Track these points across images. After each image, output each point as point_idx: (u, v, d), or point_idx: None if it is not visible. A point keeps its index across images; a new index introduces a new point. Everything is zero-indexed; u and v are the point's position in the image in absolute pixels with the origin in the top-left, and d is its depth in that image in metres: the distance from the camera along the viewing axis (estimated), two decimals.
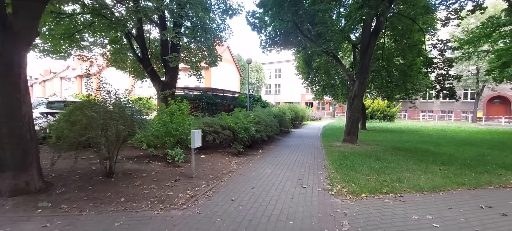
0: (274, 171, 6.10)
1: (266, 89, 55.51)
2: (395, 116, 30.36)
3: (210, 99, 13.01)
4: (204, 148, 8.70)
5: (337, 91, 19.64)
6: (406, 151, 9.26)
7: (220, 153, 8.23)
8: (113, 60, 14.18)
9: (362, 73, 10.61)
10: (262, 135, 9.16)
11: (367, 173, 5.92)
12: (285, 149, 9.65)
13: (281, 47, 14.09)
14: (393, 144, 11.17)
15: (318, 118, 33.55)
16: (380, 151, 9.28)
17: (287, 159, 7.66)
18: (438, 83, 12.24)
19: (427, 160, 7.55)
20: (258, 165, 6.81)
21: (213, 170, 6.09)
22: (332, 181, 5.25)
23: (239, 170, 6.13)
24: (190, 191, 4.43)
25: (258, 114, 9.67)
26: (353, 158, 7.66)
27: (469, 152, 9.35)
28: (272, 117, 11.96)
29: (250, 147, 9.37)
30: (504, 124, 32.27)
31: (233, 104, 14.97)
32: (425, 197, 4.44)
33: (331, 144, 11.03)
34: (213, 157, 7.61)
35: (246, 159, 7.52)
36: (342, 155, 8.21)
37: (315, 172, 6.15)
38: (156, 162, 6.64)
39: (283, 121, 14.73)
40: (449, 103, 40.06)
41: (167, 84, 10.64)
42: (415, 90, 17.56)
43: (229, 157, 7.80)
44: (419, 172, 6.13)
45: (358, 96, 10.83)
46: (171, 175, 5.48)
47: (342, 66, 12.19)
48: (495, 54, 15.03)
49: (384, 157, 8.00)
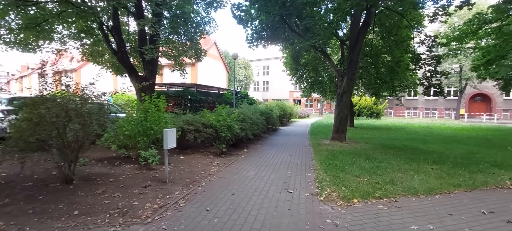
0: (259, 173, 5.60)
1: (254, 86, 54.97)
2: (382, 113, 30.59)
3: (193, 96, 12.33)
4: (185, 148, 8.10)
5: (325, 88, 19.37)
6: (395, 149, 8.99)
7: (202, 153, 7.65)
8: (89, 54, 13.25)
9: (351, 69, 10.26)
10: (247, 134, 8.64)
11: (358, 174, 5.51)
12: (272, 148, 9.18)
13: (268, 42, 13.55)
14: (382, 142, 10.92)
15: (306, 115, 33.39)
16: (370, 149, 8.96)
17: (273, 159, 7.18)
18: (426, 79, 12.09)
19: (418, 159, 7.26)
20: (242, 166, 6.28)
21: (191, 172, 5.52)
22: (321, 184, 4.80)
23: (220, 173, 5.58)
24: (160, 200, 3.85)
25: (243, 112, 9.14)
26: (342, 158, 7.27)
27: (458, 150, 9.19)
28: (258, 114, 11.46)
29: (234, 146, 8.84)
30: (485, 120, 33.23)
31: (219, 101, 14.34)
32: (421, 202, 4.05)
33: (319, 142, 10.65)
34: (194, 158, 7.02)
35: (229, 160, 6.98)
36: (330, 154, 7.82)
37: (303, 173, 5.69)
38: (128, 164, 5.99)
39: (270, 118, 14.26)
40: (433, 100, 40.93)
41: (146, 79, 9.89)
42: (402, 87, 17.55)
43: (211, 157, 7.24)
44: (411, 172, 5.79)
45: (347, 93, 10.49)
46: (142, 179, 4.86)
47: (330, 62, 11.82)
48: (481, 51, 15.14)
49: (374, 155, 7.67)
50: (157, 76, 15.76)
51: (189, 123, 7.47)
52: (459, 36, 12.25)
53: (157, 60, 10.35)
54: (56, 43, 11.88)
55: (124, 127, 5.79)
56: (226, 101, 15.43)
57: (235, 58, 14.74)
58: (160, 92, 13.30)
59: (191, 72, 34.35)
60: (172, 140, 4.73)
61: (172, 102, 11.82)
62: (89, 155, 6.71)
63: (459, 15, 22.78)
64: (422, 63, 12.14)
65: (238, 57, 48.81)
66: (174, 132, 4.84)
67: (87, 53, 13.20)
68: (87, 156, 6.39)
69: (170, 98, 11.81)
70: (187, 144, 8.08)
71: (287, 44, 15.32)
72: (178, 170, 5.71)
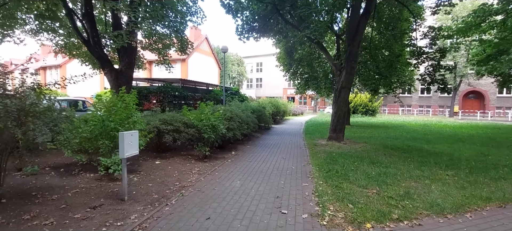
0: (245, 184, 4.62)
1: (248, 83, 53.88)
2: (377, 111, 29.97)
3: (177, 91, 11.20)
4: (164, 151, 7.07)
5: (320, 85, 18.49)
6: (399, 151, 8.14)
7: (182, 157, 6.63)
8: (63, 45, 12.01)
9: (349, 62, 9.35)
10: (236, 134, 7.65)
11: (365, 183, 4.60)
12: (263, 150, 8.21)
13: (260, 35, 12.54)
14: (382, 142, 10.08)
15: (300, 113, 32.55)
16: (371, 150, 8.09)
17: (264, 164, 6.21)
18: (428, 74, 11.31)
19: (428, 162, 6.41)
20: (226, 173, 5.29)
21: (163, 183, 4.50)
22: (322, 199, 3.86)
23: (198, 184, 4.58)
24: (107, 229, 2.84)
25: (231, 109, 8.13)
26: (343, 161, 6.35)
27: (466, 151, 8.40)
28: (249, 112, 10.48)
29: (221, 148, 7.85)
30: (479, 118, 33.02)
31: (207, 98, 13.29)
32: (452, 226, 3.14)
33: (315, 142, 9.75)
34: (171, 163, 6.00)
35: (212, 165, 5.98)
36: (329, 157, 6.90)
37: (299, 183, 4.74)
38: (88, 173, 4.93)
39: (263, 116, 13.30)
40: (426, 98, 40.73)
41: (122, 73, 8.78)
42: (400, 84, 16.81)
43: (192, 162, 6.22)
44: (426, 180, 4.92)
45: (345, 88, 9.59)
46: (95, 196, 3.83)
47: (327, 54, 10.90)
48: (483, 46, 14.48)
49: (378, 158, 6.78)
50: (142, 71, 14.53)
51: (167, 122, 6.43)
52: (464, 28, 11.48)
53: (135, 52, 9.23)
54: (25, 34, 10.68)
55: (80, 128, 4.73)
56: (215, 98, 14.39)
57: (224, 51, 13.68)
58: (141, 88, 12.23)
59: (181, 68, 33.08)
60: (132, 145, 3.70)
61: (154, 99, 10.70)
62: (46, 160, 5.65)
63: (462, 6, 22.12)
64: (425, 57, 11.34)
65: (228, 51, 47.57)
66: (135, 135, 3.81)
67: (61, 45, 12.00)
68: (42, 162, 5.33)
69: (152, 95, 10.69)
70: (166, 146, 7.05)
71: (281, 38, 14.36)
72: (147, 180, 4.68)
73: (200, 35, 37.13)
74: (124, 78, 8.76)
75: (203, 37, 36.96)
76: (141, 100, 10.71)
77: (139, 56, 13.44)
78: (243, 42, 12.40)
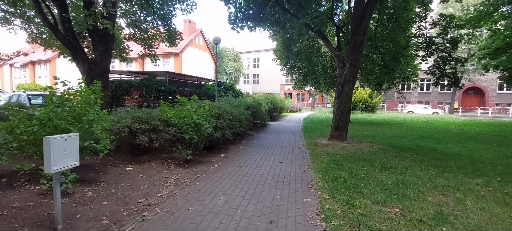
0: (231, 200, 3.63)
1: (245, 79, 52.73)
2: (377, 107, 29.08)
3: (163, 85, 10.09)
4: (141, 153, 6.06)
5: (319, 80, 17.49)
6: (410, 152, 7.20)
7: (161, 162, 5.61)
8: (37, 35, 10.88)
9: (354, 53, 8.36)
10: (225, 133, 6.64)
11: (382, 198, 3.63)
12: (258, 151, 7.22)
13: (254, 24, 11.46)
14: (389, 141, 9.15)
15: (298, 109, 31.61)
16: (379, 152, 7.14)
17: (257, 170, 5.22)
18: (437, 68, 10.36)
19: (449, 167, 5.48)
20: (209, 184, 4.30)
21: (123, 201, 3.50)
22: (330, 223, 2.89)
23: (170, 200, 3.58)
24: None
25: (220, 105, 7.09)
26: (350, 166, 5.39)
27: (485, 152, 7.50)
28: (243, 109, 9.48)
29: (209, 148, 6.84)
30: (479, 114, 32.40)
31: (198, 93, 12.25)
32: None
33: (315, 142, 8.79)
34: (145, 170, 4.99)
35: (195, 172, 4.98)
36: (333, 160, 5.93)
37: (299, 197, 3.76)
38: (33, 186, 3.90)
39: (258, 113, 12.31)
40: (426, 94, 40.08)
41: (96, 64, 7.70)
42: (403, 79, 15.87)
43: (171, 168, 5.22)
44: (456, 192, 3.97)
45: (349, 82, 8.61)
46: (22, 221, 2.82)
47: (328, 45, 9.89)
48: (492, 38, 13.58)
49: (390, 162, 5.83)
50: (135, 66, 13.44)
51: (141, 121, 5.40)
52: (477, 17, 10.53)
53: (112, 39, 8.13)
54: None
55: (19, 128, 3.69)
56: (207, 94, 13.35)
57: (216, 42, 12.60)
58: (122, 81, 11.13)
59: (175, 63, 31.92)
60: (66, 154, 2.68)
61: (137, 94, 9.61)
62: None
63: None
64: (434, 49, 10.36)
65: (225, 47, 46.32)
66: (72, 141, 2.77)
67: (35, 35, 10.88)
68: None
69: (133, 90, 9.61)
70: (144, 148, 6.02)
71: (278, 29, 13.30)
72: (104, 195, 3.67)
73: (195, 28, 35.89)
74: (99, 69, 7.69)
75: (198, 31, 35.74)
76: (122, 96, 9.65)
77: (124, 48, 12.36)
78: (237, 32, 11.35)
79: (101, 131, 4.30)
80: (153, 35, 11.66)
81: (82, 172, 4.64)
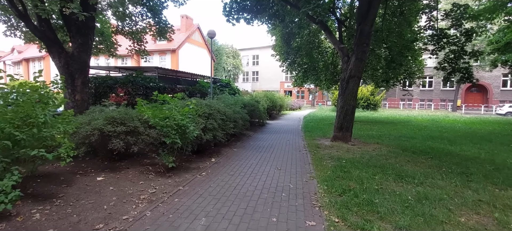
0: (214, 225, 2.88)
1: (244, 76, 51.90)
2: (379, 105, 28.30)
3: (152, 82, 9.26)
4: (121, 158, 5.30)
5: (320, 76, 16.70)
6: (424, 156, 6.43)
7: (140, 169, 4.86)
8: (14, 26, 10.07)
9: (360, 45, 7.58)
10: (216, 135, 5.88)
11: (406, 221, 2.87)
12: (253, 155, 6.46)
13: (251, 15, 10.65)
14: (397, 142, 8.40)
15: (298, 107, 30.83)
16: (389, 155, 6.38)
17: (250, 180, 4.47)
18: (448, 62, 9.59)
19: (473, 175, 4.73)
20: (191, 201, 3.54)
21: (75, 228, 2.74)
22: None
23: (137, 225, 2.82)
24: None
25: (210, 103, 6.28)
26: (359, 174, 4.64)
27: (505, 154, 6.76)
28: (238, 107, 8.72)
29: (198, 152, 6.08)
30: (483, 112, 31.68)
31: (191, 90, 11.47)
32: None
33: (317, 143, 8.03)
34: (119, 180, 4.23)
35: (177, 183, 4.23)
36: (339, 167, 5.17)
37: (300, 219, 3.01)
38: None
39: (256, 112, 11.55)
40: (428, 91, 39.29)
41: (73, 58, 6.91)
42: (408, 75, 15.06)
43: (151, 177, 4.46)
44: (492, 210, 3.22)
45: (355, 78, 7.84)
46: None
47: (331, 37, 9.10)
48: (503, 32, 12.83)
49: (404, 169, 5.08)
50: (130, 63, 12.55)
51: (116, 122, 4.63)
52: (491, 8, 9.74)
53: (92, 31, 7.33)
54: None
55: None
56: (202, 91, 12.58)
57: (211, 36, 11.80)
58: (106, 78, 10.23)
59: (172, 60, 31.08)
60: None
61: (122, 92, 8.82)
62: None
63: None
64: (445, 42, 9.58)
65: (224, 43, 45.39)
66: None
67: (13, 26, 10.05)
68: None
69: (119, 86, 8.81)
70: (124, 153, 5.26)
71: (276, 22, 12.49)
72: (55, 217, 2.90)
73: (192, 24, 35.00)
74: (77, 64, 6.90)
75: (195, 27, 34.83)
76: (107, 93, 8.88)
77: (113, 42, 11.55)
78: (232, 24, 10.56)
79: (63, 135, 3.55)
80: (143, 29, 10.86)
81: (43, 183, 3.89)
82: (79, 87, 7.02)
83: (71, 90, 6.96)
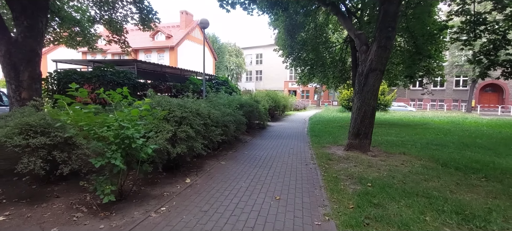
0: None
1: (247, 76, 50.39)
2: (390, 105, 26.46)
3: (125, 78, 7.59)
4: (59, 181, 3.78)
5: (327, 74, 15.04)
6: (474, 174, 4.76)
7: (74, 199, 3.32)
8: None
9: (384, 30, 5.94)
10: (195, 147, 4.30)
11: None
12: (244, 172, 4.88)
13: (250, 3, 9.11)
14: (428, 153, 6.72)
15: (303, 108, 29.15)
16: (428, 174, 4.73)
17: (230, 225, 2.90)
18: (485, 55, 7.92)
19: None
20: None
21: None
22: None
23: None
24: None
25: (183, 103, 4.64)
26: (398, 210, 3.03)
27: None
28: (232, 109, 7.15)
29: (169, 169, 4.52)
30: (500, 113, 29.70)
31: (179, 88, 9.94)
32: None
33: (328, 153, 6.42)
34: (32, 219, 2.71)
35: (119, 227, 2.68)
36: (365, 197, 3.55)
37: None
38: None
39: (255, 113, 9.96)
40: (439, 91, 37.31)
41: (17, 45, 5.41)
42: (428, 71, 13.23)
43: (78, 216, 2.91)
44: None
45: (376, 71, 6.19)
46: None
47: (346, 22, 7.45)
48: None
49: (459, 200, 3.44)
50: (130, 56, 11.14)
51: (31, 131, 3.10)
52: None
53: (44, 12, 5.82)
54: None
55: None
56: (193, 89, 11.03)
57: (204, 27, 10.23)
58: (72, 72, 8.44)
59: (170, 57, 29.68)
60: None
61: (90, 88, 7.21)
62: None
63: None
64: (482, 30, 7.89)
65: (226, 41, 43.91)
66: None
67: None
68: None
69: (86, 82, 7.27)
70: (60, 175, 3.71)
71: (279, 11, 10.86)
72: None
73: (192, 21, 33.56)
74: (21, 53, 5.39)
75: (195, 24, 33.34)
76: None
77: (92, 32, 10.09)
78: (227, 11, 8.99)
79: None
80: (124, 17, 9.38)
81: None
82: (26, 83, 5.53)
83: (15, 86, 5.48)
